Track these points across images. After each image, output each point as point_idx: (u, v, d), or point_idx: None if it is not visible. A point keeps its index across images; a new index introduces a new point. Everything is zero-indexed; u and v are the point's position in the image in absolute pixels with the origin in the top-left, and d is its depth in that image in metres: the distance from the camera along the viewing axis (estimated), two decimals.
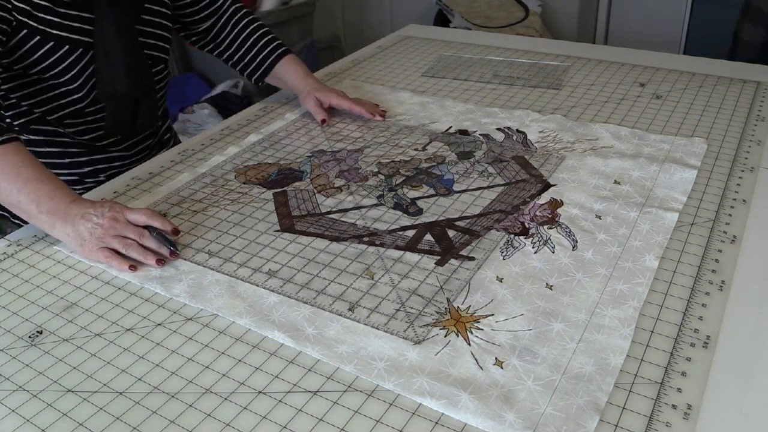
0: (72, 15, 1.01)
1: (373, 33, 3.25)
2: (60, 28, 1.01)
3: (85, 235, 0.85)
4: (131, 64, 1.07)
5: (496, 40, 1.69)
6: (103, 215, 0.85)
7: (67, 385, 0.68)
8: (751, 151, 1.08)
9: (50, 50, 1.01)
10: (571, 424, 0.61)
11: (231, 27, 1.26)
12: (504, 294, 0.77)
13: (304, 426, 0.62)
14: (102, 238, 0.84)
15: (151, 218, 0.87)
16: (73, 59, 1.03)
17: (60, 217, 0.85)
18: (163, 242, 0.85)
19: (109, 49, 1.04)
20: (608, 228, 0.89)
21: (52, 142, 1.12)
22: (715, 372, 0.66)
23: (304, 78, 1.26)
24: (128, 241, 0.84)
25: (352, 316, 0.75)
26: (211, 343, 0.72)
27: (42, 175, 0.87)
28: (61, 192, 0.87)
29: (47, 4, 0.99)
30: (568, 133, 1.16)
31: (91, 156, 1.15)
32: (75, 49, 1.02)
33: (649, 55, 1.52)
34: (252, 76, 1.29)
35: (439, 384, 0.65)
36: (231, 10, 1.27)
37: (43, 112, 1.07)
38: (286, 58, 1.27)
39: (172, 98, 2.77)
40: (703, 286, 0.78)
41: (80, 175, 1.16)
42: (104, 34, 1.03)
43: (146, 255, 0.84)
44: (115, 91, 1.07)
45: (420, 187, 1.01)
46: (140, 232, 0.85)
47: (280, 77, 1.28)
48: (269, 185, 1.03)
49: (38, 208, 0.85)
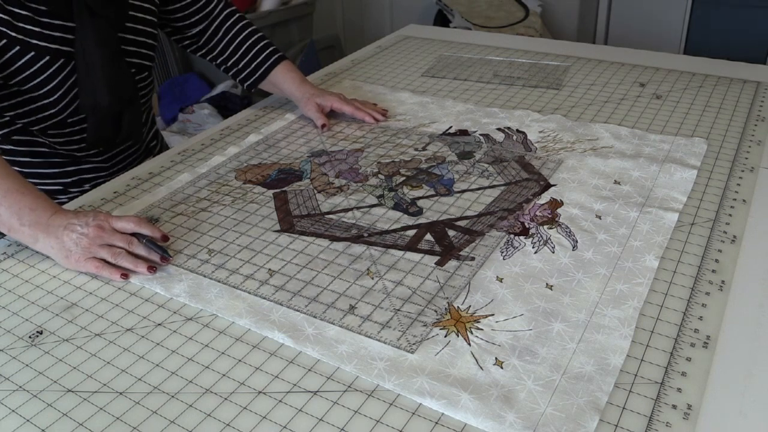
0: (53, 25, 0.99)
1: (373, 33, 3.25)
2: (40, 38, 0.98)
3: (70, 246, 0.83)
4: (112, 76, 1.05)
5: (496, 40, 1.69)
6: (88, 224, 0.83)
7: (67, 385, 0.68)
8: (751, 151, 1.08)
9: (30, 61, 0.98)
10: (571, 424, 0.61)
11: (224, 32, 1.24)
12: (504, 294, 0.77)
13: (304, 426, 0.62)
14: (89, 248, 0.82)
15: (139, 225, 0.85)
16: (54, 70, 1.00)
17: (42, 229, 0.83)
18: (153, 248, 0.84)
19: (90, 61, 1.02)
20: (608, 228, 0.89)
21: (35, 153, 1.09)
22: (715, 372, 0.66)
23: (300, 85, 1.25)
24: (117, 249, 0.83)
25: (347, 323, 0.75)
26: (211, 343, 0.72)
27: (22, 186, 0.85)
28: (42, 203, 0.85)
29: (28, 14, 0.96)
30: (568, 133, 1.16)
31: (75, 166, 1.13)
32: (56, 59, 1.00)
33: (649, 55, 1.52)
34: (245, 81, 1.27)
35: (439, 384, 0.65)
36: (224, 14, 1.25)
37: (24, 123, 1.04)
38: (281, 65, 1.26)
39: (172, 98, 2.77)
40: (703, 286, 0.78)
41: (64, 185, 1.14)
42: (85, 45, 1.01)
43: (137, 263, 0.82)
44: (96, 102, 1.04)
45: (420, 187, 1.01)
46: (128, 239, 0.84)
47: (275, 84, 1.27)
48: (269, 185, 1.03)
49: (20, 220, 0.83)
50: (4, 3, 0.94)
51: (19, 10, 0.96)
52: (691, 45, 2.75)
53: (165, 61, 2.85)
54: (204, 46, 1.26)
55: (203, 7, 1.23)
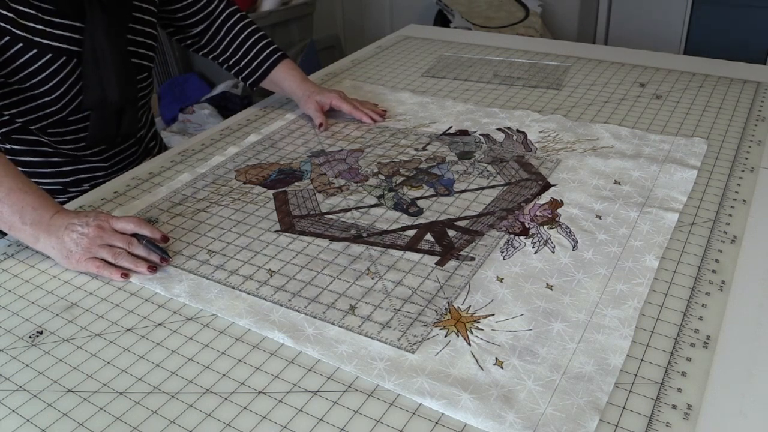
0: (57, 23, 0.99)
1: (373, 33, 3.25)
2: (44, 36, 0.98)
3: (71, 246, 0.83)
4: (121, 71, 1.05)
5: (496, 40, 1.69)
6: (88, 225, 0.84)
7: (67, 385, 0.68)
8: (752, 151, 1.08)
9: (33, 58, 0.98)
10: (571, 424, 0.61)
11: (226, 31, 1.25)
12: (504, 294, 0.77)
13: (304, 426, 0.62)
14: (89, 248, 0.83)
15: (139, 226, 0.85)
16: (56, 67, 1.00)
17: (44, 229, 0.83)
18: (153, 249, 0.84)
19: (100, 56, 1.02)
20: (608, 228, 0.89)
21: (34, 152, 1.09)
22: (715, 372, 0.66)
23: (301, 83, 1.26)
24: (117, 249, 0.83)
25: (347, 323, 0.75)
26: (211, 343, 0.72)
27: (25, 185, 0.85)
28: (45, 203, 0.85)
29: (33, 12, 0.97)
30: (569, 133, 1.16)
31: (74, 165, 1.13)
32: (58, 57, 1.00)
33: (649, 55, 1.52)
34: (248, 80, 1.28)
35: (439, 384, 0.65)
36: (225, 13, 1.25)
37: (24, 122, 1.04)
38: (282, 63, 1.26)
39: (172, 98, 2.76)
40: (703, 286, 0.78)
41: (64, 185, 1.14)
42: (95, 41, 1.01)
43: (137, 263, 0.83)
44: (103, 99, 1.04)
45: (420, 187, 1.01)
46: (128, 240, 0.84)
47: (277, 82, 1.27)
48: (269, 185, 1.03)
49: (21, 219, 0.83)
50: (8, 0, 0.95)
51: (24, 8, 0.96)
52: (691, 45, 2.75)
53: (165, 61, 2.85)
54: (206, 46, 1.27)
55: (205, 6, 1.23)
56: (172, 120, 2.71)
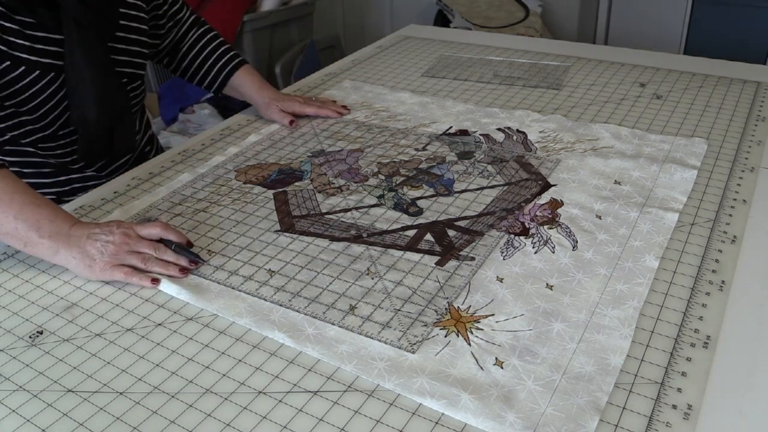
0: (41, 38, 0.97)
1: (373, 33, 3.25)
2: (30, 52, 0.96)
3: (94, 254, 0.81)
4: (101, 89, 1.02)
5: (496, 40, 1.69)
6: (113, 232, 0.82)
7: (67, 385, 0.68)
8: (752, 151, 1.08)
9: (20, 75, 0.96)
10: (571, 424, 0.61)
11: (189, 39, 1.24)
12: (504, 294, 0.77)
13: (304, 426, 0.62)
14: (116, 255, 0.81)
15: (166, 231, 0.85)
16: (43, 84, 0.98)
17: (63, 240, 0.81)
18: (183, 254, 0.84)
19: (79, 75, 1.00)
20: (608, 228, 0.89)
21: (27, 163, 1.08)
22: (715, 372, 0.66)
23: (260, 89, 1.25)
24: (146, 255, 0.82)
25: (347, 324, 0.75)
26: (211, 343, 0.72)
27: (36, 198, 0.83)
28: (61, 215, 0.84)
29: (16, 27, 0.94)
30: (569, 133, 1.16)
31: (68, 175, 1.12)
32: (46, 73, 0.98)
33: (649, 55, 1.52)
34: (210, 87, 1.27)
35: (439, 384, 0.65)
36: (190, 20, 1.25)
37: (14, 136, 1.02)
38: (241, 69, 1.26)
39: (173, 98, 2.76)
40: (703, 286, 0.78)
41: (58, 194, 1.12)
42: (74, 59, 0.99)
43: (167, 267, 0.82)
44: (84, 117, 1.02)
45: (420, 187, 1.01)
46: (155, 245, 0.83)
47: (236, 88, 1.26)
48: (269, 185, 1.03)
49: (38, 233, 0.81)
50: None
51: (7, 23, 0.94)
52: (691, 45, 2.75)
53: None
54: (170, 54, 1.26)
55: (175, 14, 1.22)
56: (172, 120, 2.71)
